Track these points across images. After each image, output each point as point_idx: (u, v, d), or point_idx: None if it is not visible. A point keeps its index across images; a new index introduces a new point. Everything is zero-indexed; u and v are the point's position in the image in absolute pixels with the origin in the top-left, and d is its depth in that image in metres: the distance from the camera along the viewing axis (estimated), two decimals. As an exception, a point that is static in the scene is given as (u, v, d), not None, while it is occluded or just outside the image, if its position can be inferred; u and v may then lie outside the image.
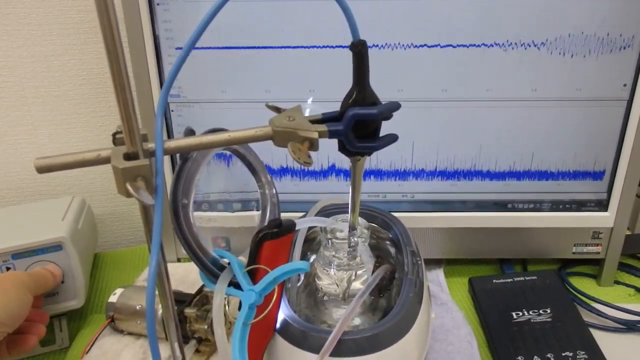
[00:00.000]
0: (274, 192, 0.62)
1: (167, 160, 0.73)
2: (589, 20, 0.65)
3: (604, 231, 0.76)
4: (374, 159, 0.73)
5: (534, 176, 0.73)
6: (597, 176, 0.73)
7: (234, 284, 0.50)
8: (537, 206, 0.75)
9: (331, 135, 0.42)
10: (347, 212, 0.55)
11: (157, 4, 0.66)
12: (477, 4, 0.64)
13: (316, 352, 0.47)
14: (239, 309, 0.48)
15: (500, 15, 0.65)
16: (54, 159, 0.36)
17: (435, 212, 0.76)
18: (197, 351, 0.63)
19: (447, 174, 0.74)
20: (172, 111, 0.71)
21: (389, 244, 0.65)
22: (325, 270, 0.58)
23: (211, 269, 0.51)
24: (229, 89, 0.70)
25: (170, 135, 0.73)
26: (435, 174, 0.74)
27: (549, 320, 0.67)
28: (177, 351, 0.48)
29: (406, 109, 0.45)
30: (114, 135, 0.38)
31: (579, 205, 0.75)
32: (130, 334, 0.67)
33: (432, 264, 0.81)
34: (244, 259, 0.51)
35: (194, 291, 0.64)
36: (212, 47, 0.67)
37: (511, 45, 0.66)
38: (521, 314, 0.68)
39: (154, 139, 0.38)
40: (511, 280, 0.74)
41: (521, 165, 0.73)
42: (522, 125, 0.70)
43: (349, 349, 0.47)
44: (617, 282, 0.78)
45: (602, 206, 0.75)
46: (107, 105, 0.87)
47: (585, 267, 0.81)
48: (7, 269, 0.64)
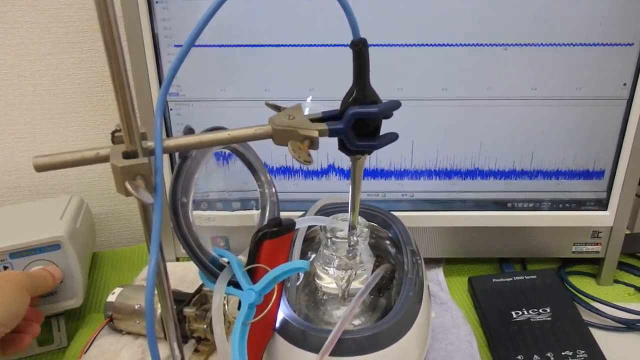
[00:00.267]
0: (274, 191, 0.62)
1: (166, 158, 0.73)
2: (589, 19, 0.65)
3: (604, 230, 0.76)
4: (373, 158, 0.73)
5: (533, 175, 0.73)
6: (596, 175, 0.73)
7: (234, 283, 0.49)
8: (536, 205, 0.75)
9: (331, 133, 0.41)
10: (346, 211, 0.54)
11: (156, 2, 0.65)
12: (477, 3, 0.64)
13: (316, 351, 0.47)
14: (238, 308, 0.48)
15: (500, 14, 0.65)
16: (52, 157, 0.36)
17: (435, 211, 0.76)
18: (196, 351, 0.63)
19: (447, 173, 0.73)
20: (171, 110, 0.71)
21: (388, 243, 0.65)
22: (325, 269, 0.58)
23: (210, 268, 0.50)
24: (228, 87, 0.69)
25: (169, 134, 0.73)
26: (435, 173, 0.73)
27: (548, 319, 0.67)
28: (176, 351, 0.48)
29: (406, 107, 0.45)
30: (113, 133, 0.38)
31: (579, 204, 0.75)
32: (129, 333, 0.67)
33: (431, 263, 0.81)
34: (244, 258, 0.51)
35: (193, 290, 0.64)
36: (211, 45, 0.67)
37: (511, 44, 0.66)
38: (521, 313, 0.68)
39: (153, 137, 0.38)
40: (511, 279, 0.74)
41: (521, 164, 0.73)
42: (522, 124, 0.70)
43: (349, 349, 0.47)
44: (616, 281, 0.78)
45: (602, 205, 0.75)
46: (105, 103, 0.87)
47: (584, 266, 0.81)
48: (5, 268, 0.63)
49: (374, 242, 0.64)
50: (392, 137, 0.44)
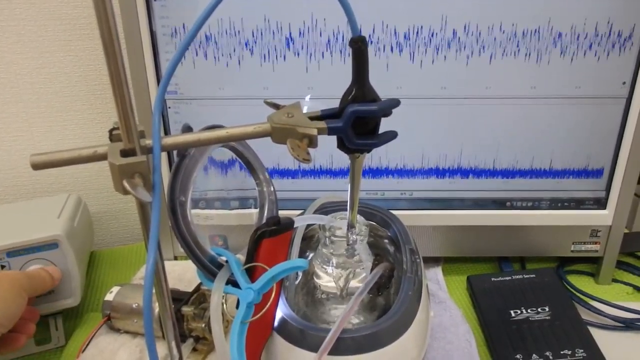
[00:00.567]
0: (272, 189, 0.62)
1: (164, 157, 0.72)
2: (589, 18, 0.65)
3: (603, 229, 0.76)
4: (372, 156, 0.73)
5: (532, 174, 0.73)
6: (595, 174, 0.73)
7: (232, 282, 0.49)
8: (535, 204, 0.75)
9: (330, 132, 0.41)
10: (345, 210, 0.54)
11: (154, 0, 0.65)
12: (476, 1, 0.64)
13: (314, 350, 0.46)
14: (236, 307, 0.48)
15: (499, 13, 0.65)
16: (49, 155, 0.36)
17: (433, 210, 0.76)
18: (195, 350, 0.63)
19: (446, 172, 0.73)
20: (170, 108, 0.71)
21: (387, 242, 0.64)
22: (323, 268, 0.58)
23: (209, 267, 0.50)
24: (226, 85, 0.69)
25: (167, 132, 0.73)
26: (434, 172, 0.73)
27: (547, 318, 0.67)
28: (174, 350, 0.48)
29: (405, 106, 0.45)
30: (111, 131, 0.38)
31: (578, 203, 0.75)
32: (126, 332, 0.66)
33: (430, 262, 0.81)
34: (242, 257, 0.51)
35: (191, 289, 0.64)
36: (209, 44, 0.67)
37: (510, 43, 0.66)
38: (520, 312, 0.68)
39: (151, 135, 0.37)
40: (509, 278, 0.74)
41: (520, 163, 0.73)
42: (521, 123, 0.70)
43: (348, 348, 0.47)
44: (615, 281, 0.78)
45: (601, 204, 0.75)
46: (103, 101, 0.87)
47: (583, 265, 0.81)
48: (2, 267, 0.63)
49: (373, 241, 0.64)
50: (391, 135, 0.44)
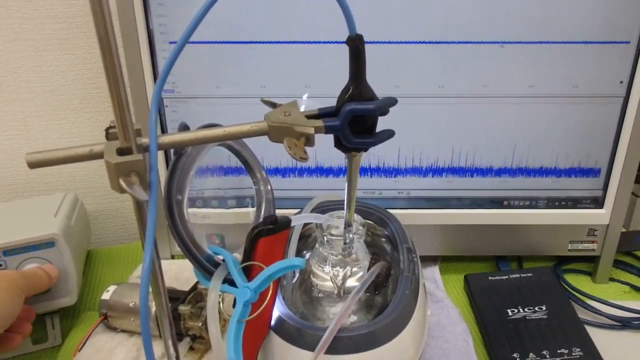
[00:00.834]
0: (269, 188, 0.62)
1: (161, 155, 0.72)
2: (587, 17, 0.65)
3: (600, 228, 0.76)
4: (370, 155, 0.73)
5: (530, 173, 0.73)
6: (593, 173, 0.73)
7: (229, 281, 0.49)
8: (533, 203, 0.75)
9: (327, 130, 0.41)
10: (342, 209, 0.54)
11: (151, -2, 0.65)
12: (474, 0, 0.64)
13: (311, 349, 0.46)
14: (233, 306, 0.48)
15: (497, 11, 0.65)
16: (45, 154, 0.36)
17: (431, 209, 0.76)
18: (191, 349, 0.63)
19: (443, 171, 0.73)
20: (166, 107, 0.71)
21: (384, 240, 0.64)
22: (320, 267, 0.58)
23: (205, 266, 0.50)
24: (223, 84, 0.69)
25: (164, 131, 0.72)
26: (431, 171, 0.73)
27: (544, 317, 0.67)
28: (171, 349, 0.48)
29: (403, 105, 0.45)
30: (107, 130, 0.38)
31: (575, 202, 0.75)
32: (123, 331, 0.66)
33: (427, 261, 0.81)
34: (239, 256, 0.51)
35: (188, 288, 0.64)
36: (206, 42, 0.66)
37: (508, 41, 0.66)
38: (517, 311, 0.68)
39: (147, 134, 0.37)
40: (507, 277, 0.74)
41: (517, 162, 0.73)
42: (518, 121, 0.70)
43: (345, 347, 0.47)
44: (612, 280, 0.78)
45: (598, 203, 0.75)
46: (100, 100, 0.86)
47: (580, 264, 0.81)
48: (-1, 266, 0.63)
49: (370, 240, 0.64)
50: (389, 134, 0.44)
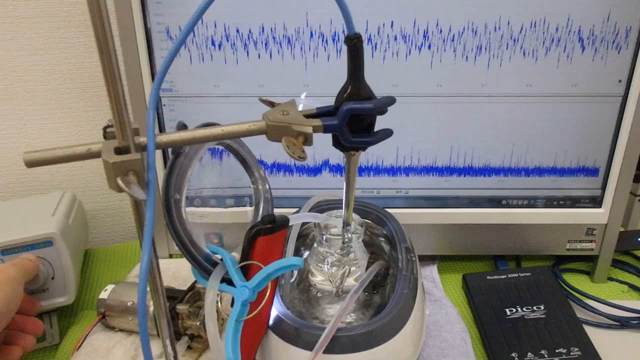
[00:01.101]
0: (267, 187, 0.62)
1: (159, 154, 0.72)
2: (585, 16, 0.65)
3: (598, 228, 0.76)
4: (368, 154, 0.73)
5: (528, 172, 0.73)
6: (591, 172, 0.73)
7: (227, 281, 0.49)
8: (531, 202, 0.75)
9: (326, 129, 0.41)
10: (341, 208, 0.54)
11: (149, -3, 0.65)
12: (472, -2, 0.64)
13: (309, 348, 0.46)
14: (231, 305, 0.48)
15: (496, 10, 0.64)
16: (43, 153, 0.36)
17: (429, 208, 0.75)
18: (189, 348, 0.63)
19: (442, 170, 0.73)
20: (165, 105, 0.70)
21: (383, 240, 0.64)
22: (318, 266, 0.58)
23: (203, 265, 0.50)
24: (222, 83, 0.69)
25: (162, 130, 0.72)
26: (429, 170, 0.73)
27: (542, 316, 0.67)
28: (169, 348, 0.48)
29: (401, 104, 0.45)
30: (105, 129, 0.38)
31: (573, 201, 0.75)
32: (121, 330, 0.66)
33: (426, 260, 0.81)
34: (237, 255, 0.51)
35: (186, 287, 0.64)
36: (205, 40, 0.66)
37: (507, 40, 0.66)
38: (515, 311, 0.68)
39: (145, 133, 0.37)
40: (505, 276, 0.74)
41: (516, 161, 0.73)
42: (517, 120, 0.70)
43: (343, 346, 0.47)
44: (610, 279, 0.78)
45: (596, 203, 0.75)
46: (98, 99, 0.86)
47: (579, 263, 0.81)
48: (-4, 265, 0.63)
49: (368, 239, 0.64)
50: (387, 133, 0.44)
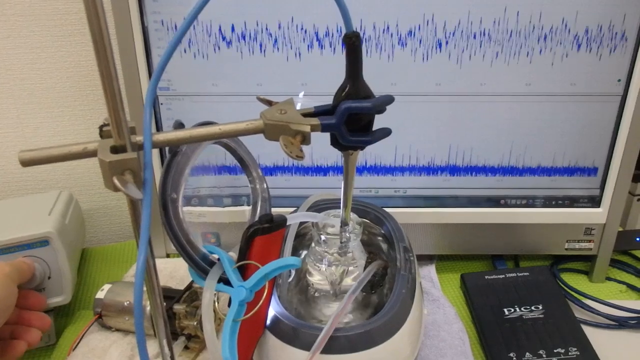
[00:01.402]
0: (265, 186, 0.62)
1: (156, 153, 0.72)
2: (584, 15, 0.64)
3: (597, 227, 0.76)
4: (366, 153, 0.73)
5: (527, 172, 0.73)
6: (590, 172, 0.73)
7: (224, 280, 0.49)
8: (529, 202, 0.75)
9: (324, 128, 0.41)
10: (339, 208, 0.54)
11: (146, -5, 0.65)
12: (471, -3, 0.64)
13: (307, 349, 0.46)
14: (228, 305, 0.48)
15: (495, 9, 0.64)
16: (39, 152, 0.35)
17: (427, 207, 0.75)
18: (186, 348, 0.62)
19: (440, 169, 0.73)
20: (162, 104, 0.70)
21: (381, 239, 0.64)
22: (316, 266, 0.58)
23: (200, 265, 0.50)
24: (219, 82, 0.69)
25: (159, 128, 0.72)
26: (428, 169, 0.73)
27: (541, 316, 0.67)
28: (166, 348, 0.47)
29: (399, 103, 0.45)
30: (101, 127, 0.37)
31: (572, 201, 0.75)
32: (118, 330, 0.66)
33: (424, 259, 0.81)
34: (234, 255, 0.50)
35: (183, 287, 0.63)
36: (202, 39, 0.66)
37: (506, 39, 0.66)
38: (513, 310, 0.68)
39: (142, 131, 0.37)
40: (503, 276, 0.74)
41: (514, 160, 0.72)
42: (515, 120, 0.70)
43: (341, 346, 0.47)
44: (608, 279, 0.78)
45: (595, 202, 0.75)
46: (95, 97, 0.86)
47: (577, 263, 0.81)
48: (-8, 264, 0.62)
49: (366, 239, 0.64)
50: (386, 132, 0.44)
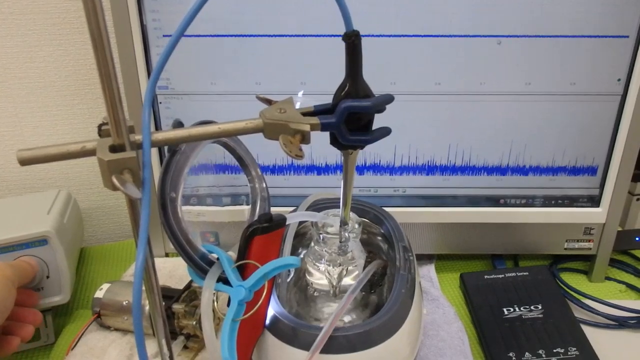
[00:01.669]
0: (264, 186, 0.61)
1: (155, 153, 0.72)
2: (584, 12, 0.64)
3: (596, 227, 0.75)
4: (366, 153, 0.73)
5: (526, 171, 0.73)
6: (589, 172, 0.73)
7: (223, 280, 0.49)
8: (529, 202, 0.75)
9: (323, 128, 0.41)
10: (338, 207, 0.54)
11: (145, -7, 0.64)
12: (471, -4, 0.64)
13: (306, 348, 0.46)
14: (228, 304, 0.47)
15: (494, 8, 0.64)
16: (37, 151, 0.35)
17: (427, 207, 0.75)
18: (185, 347, 0.62)
19: (439, 169, 0.73)
20: (160, 103, 0.70)
21: (380, 239, 0.64)
22: (315, 265, 0.57)
23: (200, 265, 0.50)
24: (218, 80, 0.68)
25: (158, 127, 0.72)
26: (427, 169, 0.73)
27: (540, 316, 0.67)
28: (165, 348, 0.47)
29: (399, 102, 0.45)
30: (100, 126, 0.37)
31: (571, 201, 0.75)
32: (117, 330, 0.66)
33: (423, 259, 0.81)
34: (233, 254, 0.50)
35: (182, 286, 0.63)
36: (201, 36, 0.66)
37: (506, 38, 0.66)
38: (512, 310, 0.68)
39: (141, 130, 0.37)
40: (503, 276, 0.74)
41: (514, 160, 0.72)
42: (515, 119, 0.70)
43: (340, 346, 0.47)
44: (608, 278, 0.78)
45: (594, 202, 0.75)
46: (93, 96, 0.86)
47: (576, 263, 0.81)
48: (-9, 264, 0.62)
49: (366, 238, 0.64)
50: (385, 131, 0.44)
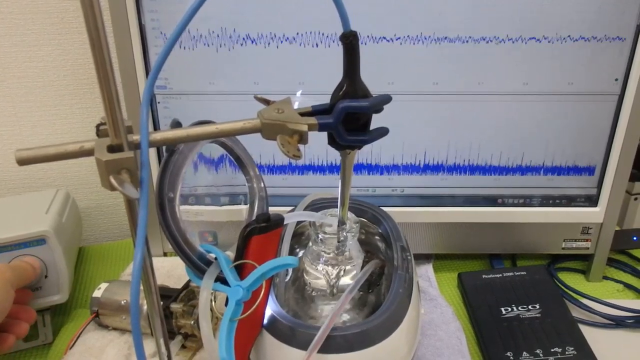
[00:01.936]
0: (262, 185, 0.61)
1: (153, 152, 0.72)
2: (582, 13, 0.64)
3: (594, 227, 0.76)
4: (363, 152, 0.73)
5: (524, 171, 0.73)
6: (587, 171, 0.73)
7: (221, 280, 0.49)
8: (527, 201, 0.75)
9: (321, 128, 0.41)
10: (336, 207, 0.54)
11: (144, -7, 0.64)
12: (469, -4, 0.64)
13: (304, 348, 0.46)
14: (225, 304, 0.47)
15: (492, 8, 0.64)
16: (35, 151, 0.35)
17: (425, 206, 0.75)
18: (183, 347, 0.62)
19: (437, 169, 0.73)
20: (159, 103, 0.70)
21: (378, 238, 0.64)
22: (313, 265, 0.57)
23: (197, 264, 0.50)
24: (216, 80, 0.68)
25: (156, 127, 0.72)
26: (425, 169, 0.73)
27: (538, 315, 0.67)
28: (163, 347, 0.47)
29: (397, 102, 0.45)
30: (98, 126, 0.37)
31: (569, 200, 0.75)
32: (115, 329, 0.66)
33: (421, 259, 0.81)
34: (231, 254, 0.50)
35: (180, 286, 0.63)
36: (199, 37, 0.66)
37: (503, 38, 0.66)
38: (510, 310, 0.68)
39: (139, 130, 0.37)
40: (500, 275, 0.74)
41: (511, 159, 0.72)
42: (513, 119, 0.70)
43: (338, 345, 0.47)
44: (605, 278, 0.78)
45: (592, 202, 0.75)
46: (92, 96, 0.86)
47: (574, 262, 0.81)
48: (-11, 263, 0.62)
49: (364, 238, 0.64)
50: (383, 131, 0.44)
